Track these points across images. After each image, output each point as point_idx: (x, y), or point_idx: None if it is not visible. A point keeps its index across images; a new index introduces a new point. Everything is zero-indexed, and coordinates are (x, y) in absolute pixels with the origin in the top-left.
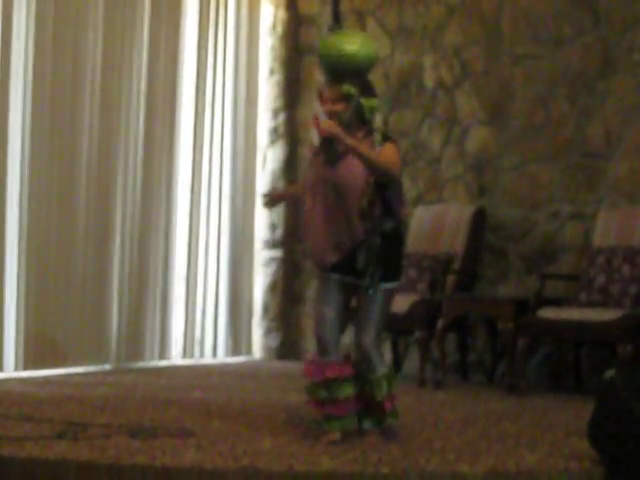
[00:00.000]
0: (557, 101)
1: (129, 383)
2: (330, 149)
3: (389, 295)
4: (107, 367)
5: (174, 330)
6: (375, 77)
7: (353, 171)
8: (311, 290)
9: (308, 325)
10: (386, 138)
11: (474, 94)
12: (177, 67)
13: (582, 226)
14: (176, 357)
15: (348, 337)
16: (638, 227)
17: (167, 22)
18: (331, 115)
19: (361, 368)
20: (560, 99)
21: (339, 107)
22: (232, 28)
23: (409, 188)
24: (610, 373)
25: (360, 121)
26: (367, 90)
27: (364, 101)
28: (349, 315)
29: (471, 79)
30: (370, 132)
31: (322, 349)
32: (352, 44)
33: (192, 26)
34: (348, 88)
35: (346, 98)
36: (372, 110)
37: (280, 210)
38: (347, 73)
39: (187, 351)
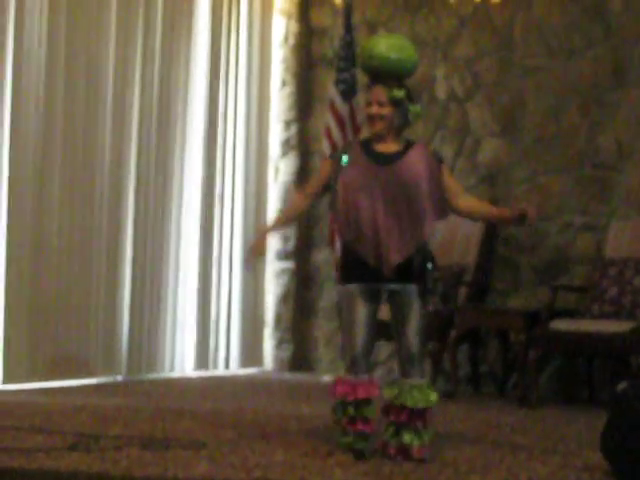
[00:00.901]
0: (568, 113)
1: (141, 394)
2: (374, 150)
3: (429, 300)
4: (119, 378)
5: (187, 342)
6: None
7: (414, 170)
8: (323, 301)
9: (320, 337)
10: (440, 158)
11: (486, 106)
12: (189, 79)
13: (594, 237)
14: (189, 368)
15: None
16: None
17: (179, 34)
18: (378, 118)
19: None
20: (571, 111)
21: (386, 110)
22: (244, 40)
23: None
24: (623, 385)
25: (406, 126)
26: (411, 95)
27: (410, 106)
28: (377, 329)
29: (483, 91)
30: (409, 142)
31: (352, 365)
32: (405, 49)
33: (204, 38)
34: (398, 92)
35: (394, 102)
36: (416, 116)
37: None
38: (391, 76)
39: (199, 362)
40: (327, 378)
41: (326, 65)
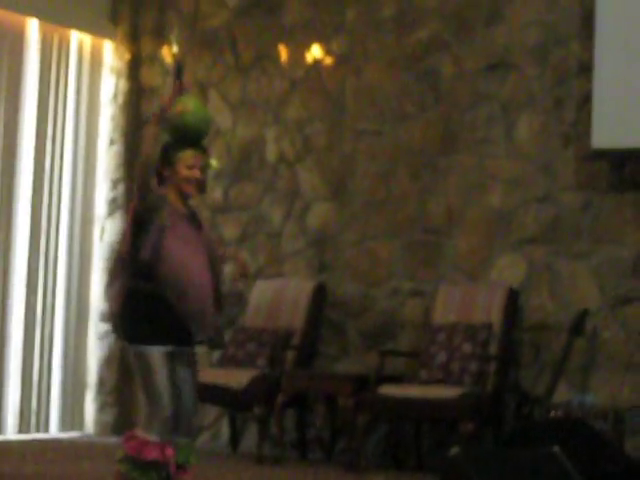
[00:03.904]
0: (399, 177)
1: None
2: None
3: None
4: None
5: (9, 404)
6: (217, 149)
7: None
8: None
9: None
10: None
11: (316, 169)
12: (16, 136)
13: (422, 303)
14: (10, 431)
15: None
16: (478, 304)
17: (6, 89)
18: (197, 182)
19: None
20: (402, 175)
21: (203, 176)
22: (72, 97)
23: (249, 262)
24: (455, 450)
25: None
26: None
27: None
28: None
29: (313, 154)
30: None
31: (171, 428)
32: (204, 113)
33: (31, 94)
34: (212, 160)
35: (204, 169)
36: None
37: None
38: (199, 142)
39: (22, 425)
40: None
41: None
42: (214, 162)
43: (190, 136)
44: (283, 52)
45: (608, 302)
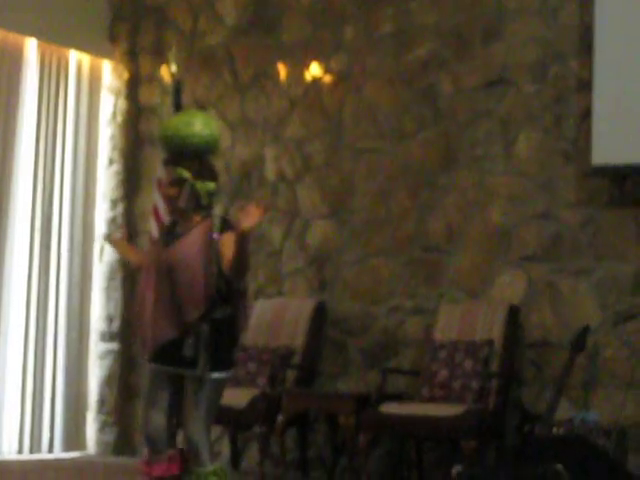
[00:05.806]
0: (398, 195)
1: None
2: (174, 230)
3: (218, 385)
4: None
5: (7, 424)
6: (216, 168)
7: (188, 251)
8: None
9: None
10: (227, 226)
11: (315, 187)
12: (14, 156)
13: (423, 321)
14: (9, 452)
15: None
16: (479, 322)
17: (5, 109)
18: (166, 199)
19: (190, 462)
20: (401, 193)
21: (172, 191)
22: (71, 117)
23: (249, 281)
24: (458, 468)
25: (197, 205)
26: (205, 173)
27: (199, 185)
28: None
29: (313, 172)
30: (208, 216)
31: (153, 449)
32: (190, 125)
33: (30, 114)
34: (181, 172)
35: (179, 182)
36: (210, 193)
37: (117, 302)
38: (185, 155)
39: (21, 446)
40: None
41: (154, 144)
42: (178, 171)
43: (165, 151)
44: (282, 70)
45: (609, 319)
